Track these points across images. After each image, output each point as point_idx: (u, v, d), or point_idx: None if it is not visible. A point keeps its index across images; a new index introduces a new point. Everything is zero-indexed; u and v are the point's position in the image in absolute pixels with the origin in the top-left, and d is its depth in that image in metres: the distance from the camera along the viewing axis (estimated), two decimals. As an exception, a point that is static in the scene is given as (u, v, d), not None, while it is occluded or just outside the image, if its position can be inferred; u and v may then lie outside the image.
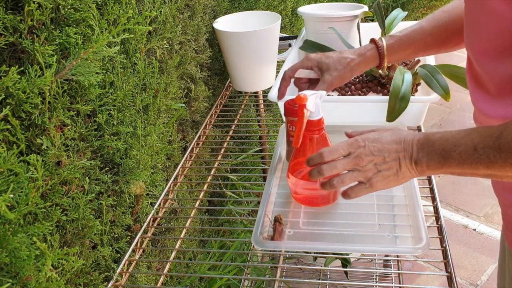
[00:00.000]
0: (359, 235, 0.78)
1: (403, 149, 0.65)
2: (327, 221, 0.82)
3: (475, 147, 0.56)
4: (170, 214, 1.17)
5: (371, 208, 0.83)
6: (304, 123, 0.77)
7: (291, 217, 0.84)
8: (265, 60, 1.30)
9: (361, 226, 0.80)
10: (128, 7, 0.86)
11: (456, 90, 1.05)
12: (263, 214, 0.82)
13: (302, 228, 0.81)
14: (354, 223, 0.80)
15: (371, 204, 0.84)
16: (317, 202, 0.83)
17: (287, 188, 0.91)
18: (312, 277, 1.68)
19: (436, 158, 0.61)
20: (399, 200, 0.85)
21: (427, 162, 0.62)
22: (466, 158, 0.57)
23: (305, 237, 0.79)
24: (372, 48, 0.90)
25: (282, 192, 0.91)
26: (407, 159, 0.64)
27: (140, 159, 0.93)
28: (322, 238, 0.79)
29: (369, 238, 0.77)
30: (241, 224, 1.54)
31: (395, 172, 0.66)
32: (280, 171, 0.96)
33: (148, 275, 0.98)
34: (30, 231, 0.61)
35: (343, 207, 0.84)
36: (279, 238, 0.78)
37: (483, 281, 1.75)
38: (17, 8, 0.63)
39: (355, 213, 0.82)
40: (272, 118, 1.56)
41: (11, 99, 0.61)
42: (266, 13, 1.36)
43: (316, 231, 0.80)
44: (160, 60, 1.05)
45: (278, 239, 0.78)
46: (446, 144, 0.60)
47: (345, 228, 0.79)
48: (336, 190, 0.77)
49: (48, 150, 0.68)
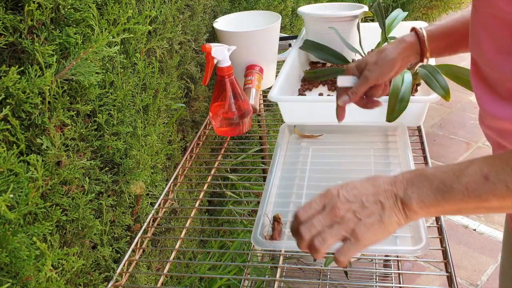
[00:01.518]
0: None
1: (384, 190, 0.57)
2: None
3: (485, 176, 0.50)
4: (170, 214, 1.17)
5: None
6: (211, 67, 1.07)
7: (291, 217, 0.83)
8: (265, 60, 1.30)
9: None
10: (128, 7, 0.86)
11: (456, 90, 1.05)
12: (263, 214, 0.82)
13: None
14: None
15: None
16: (234, 132, 1.14)
17: (287, 188, 0.92)
18: (312, 277, 1.68)
19: (431, 194, 0.53)
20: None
21: (418, 200, 0.54)
22: (475, 189, 0.51)
23: None
24: (410, 34, 0.85)
25: (282, 192, 0.91)
26: (390, 199, 0.56)
27: (140, 159, 0.93)
28: None
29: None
30: (241, 224, 1.54)
31: (379, 219, 0.56)
32: (280, 171, 0.96)
33: (148, 275, 0.98)
34: (30, 231, 0.61)
35: None
36: (278, 238, 0.78)
37: (483, 281, 1.75)
38: (17, 8, 0.63)
39: None
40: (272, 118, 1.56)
41: (11, 99, 0.61)
42: (266, 13, 1.36)
43: None
44: (160, 60, 1.05)
45: (277, 239, 0.78)
46: (445, 176, 0.53)
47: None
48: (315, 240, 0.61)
49: (48, 150, 0.68)
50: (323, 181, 0.95)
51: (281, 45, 1.45)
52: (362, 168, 0.97)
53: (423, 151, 1.05)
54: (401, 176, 0.57)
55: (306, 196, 0.91)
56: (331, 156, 1.02)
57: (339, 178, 0.94)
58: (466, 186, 0.51)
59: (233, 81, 1.10)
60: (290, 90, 1.15)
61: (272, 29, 1.26)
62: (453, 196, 0.52)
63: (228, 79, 1.09)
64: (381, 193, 0.57)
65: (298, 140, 1.08)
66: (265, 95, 1.29)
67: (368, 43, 1.22)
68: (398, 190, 0.55)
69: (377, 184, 0.58)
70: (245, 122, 1.13)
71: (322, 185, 0.90)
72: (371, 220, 0.56)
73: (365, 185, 0.59)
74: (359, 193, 0.58)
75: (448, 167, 0.54)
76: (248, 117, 1.13)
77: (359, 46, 1.16)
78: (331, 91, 1.15)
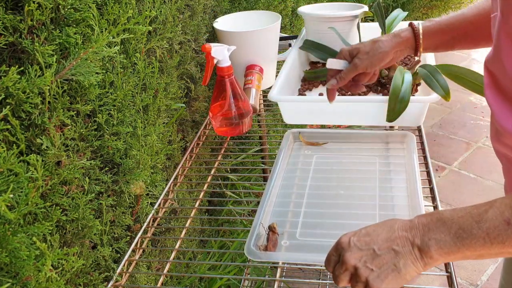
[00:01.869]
0: None
1: (398, 237, 0.54)
2: (325, 231, 0.80)
3: (507, 221, 0.48)
4: (170, 214, 1.17)
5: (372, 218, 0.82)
6: (211, 67, 1.06)
7: (289, 227, 0.82)
8: (265, 60, 1.30)
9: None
10: (128, 7, 0.86)
11: (456, 90, 1.05)
12: (258, 223, 0.80)
13: (299, 239, 0.79)
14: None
15: (372, 214, 0.83)
16: (234, 132, 1.13)
17: (285, 196, 0.90)
18: (312, 277, 1.68)
19: (450, 240, 0.50)
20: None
21: (437, 247, 0.51)
22: (497, 235, 0.48)
23: (302, 247, 0.77)
24: (407, 29, 0.86)
25: (281, 200, 0.90)
26: (405, 246, 0.53)
27: (140, 159, 0.93)
28: (319, 249, 0.76)
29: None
30: (241, 224, 1.54)
31: (393, 268, 0.53)
32: (280, 179, 0.95)
33: (148, 275, 0.98)
34: (30, 231, 0.61)
35: (343, 216, 0.83)
36: (273, 249, 0.75)
37: (483, 281, 1.75)
38: (17, 8, 0.63)
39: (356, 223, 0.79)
40: (272, 118, 1.55)
41: (11, 99, 0.61)
42: (266, 13, 1.36)
43: (313, 242, 0.79)
44: (160, 60, 1.05)
45: (271, 249, 0.75)
46: (464, 221, 0.50)
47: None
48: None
49: (48, 150, 0.68)
50: (325, 190, 0.92)
51: (281, 45, 1.45)
52: (366, 176, 0.94)
53: (423, 151, 1.05)
54: (417, 220, 0.54)
55: (306, 205, 0.88)
56: (335, 164, 1.00)
57: (341, 188, 0.92)
58: (487, 232, 0.49)
59: (233, 81, 1.10)
60: (290, 90, 1.15)
61: (272, 29, 1.26)
62: (474, 242, 0.50)
63: (228, 79, 1.09)
64: (395, 240, 0.54)
65: (302, 147, 1.06)
66: (265, 95, 1.29)
67: (368, 43, 1.22)
68: (415, 237, 0.53)
69: (391, 230, 0.55)
70: (245, 122, 1.13)
71: (323, 194, 0.90)
72: (385, 270, 0.54)
73: (378, 230, 0.56)
74: (371, 240, 0.55)
75: (465, 210, 0.51)
76: (248, 117, 1.13)
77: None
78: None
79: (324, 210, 0.86)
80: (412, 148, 0.98)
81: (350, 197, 0.89)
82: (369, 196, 0.88)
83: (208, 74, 1.08)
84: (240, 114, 1.11)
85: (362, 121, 1.07)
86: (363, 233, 0.57)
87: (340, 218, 0.83)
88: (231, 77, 1.09)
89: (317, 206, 0.88)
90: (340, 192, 0.90)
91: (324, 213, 0.86)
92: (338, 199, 0.89)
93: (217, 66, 1.08)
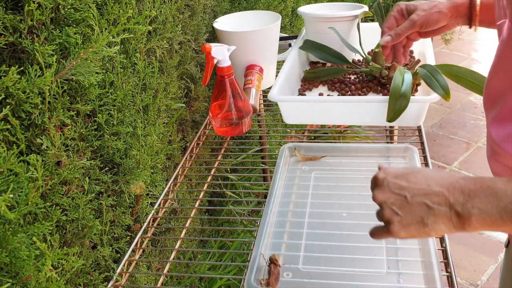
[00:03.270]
0: (365, 275, 0.72)
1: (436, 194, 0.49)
2: (330, 255, 0.77)
3: None
4: (170, 214, 1.17)
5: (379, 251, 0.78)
6: (211, 67, 1.06)
7: (291, 252, 0.78)
8: (265, 60, 1.30)
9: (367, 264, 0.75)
10: (128, 7, 0.86)
11: (456, 90, 1.05)
12: (258, 254, 0.75)
13: (302, 270, 0.75)
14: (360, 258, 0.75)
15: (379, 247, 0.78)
16: (234, 132, 1.14)
17: (282, 225, 0.86)
18: None
19: (497, 213, 0.46)
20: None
21: (480, 217, 0.47)
22: None
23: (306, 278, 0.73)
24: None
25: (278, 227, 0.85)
26: (442, 206, 0.49)
27: (140, 159, 0.93)
28: (325, 277, 0.73)
29: (376, 278, 0.72)
30: (241, 224, 1.54)
31: (419, 220, 0.50)
32: (277, 206, 0.89)
33: (148, 275, 0.98)
34: (30, 231, 0.61)
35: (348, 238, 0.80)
36: (275, 283, 0.71)
37: (483, 281, 1.75)
38: (17, 8, 0.63)
39: (362, 246, 0.77)
40: (272, 118, 1.56)
41: (11, 99, 0.61)
42: (266, 13, 1.36)
43: (317, 271, 0.74)
44: (160, 60, 1.05)
45: (274, 285, 0.71)
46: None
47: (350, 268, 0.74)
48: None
49: (48, 150, 0.68)
50: (327, 208, 0.88)
51: (281, 45, 1.45)
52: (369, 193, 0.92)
53: (423, 151, 1.05)
54: (463, 182, 0.49)
55: (307, 226, 0.84)
56: (334, 180, 0.95)
57: (343, 206, 0.87)
58: None
59: (233, 81, 1.10)
60: (290, 90, 1.15)
61: (272, 29, 1.26)
62: None
63: (228, 79, 1.09)
64: (431, 195, 0.50)
65: (300, 162, 1.02)
66: (265, 95, 1.29)
67: (368, 43, 1.22)
68: (456, 202, 0.48)
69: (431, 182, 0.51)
70: (245, 122, 1.13)
71: (325, 213, 0.87)
72: (409, 219, 0.51)
73: (417, 177, 0.52)
74: (407, 186, 0.52)
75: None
76: (248, 117, 1.13)
77: (359, 46, 1.16)
78: (331, 91, 1.15)
79: (327, 231, 0.82)
80: (415, 164, 0.94)
81: (353, 216, 0.85)
82: (372, 215, 0.87)
83: (208, 74, 1.09)
84: (240, 114, 1.11)
85: (362, 121, 1.07)
86: (400, 173, 0.53)
87: (345, 241, 0.80)
88: (231, 77, 1.09)
89: (319, 227, 0.83)
90: (343, 215, 0.86)
91: (327, 236, 0.81)
92: (341, 219, 0.85)
93: (217, 66, 1.08)
